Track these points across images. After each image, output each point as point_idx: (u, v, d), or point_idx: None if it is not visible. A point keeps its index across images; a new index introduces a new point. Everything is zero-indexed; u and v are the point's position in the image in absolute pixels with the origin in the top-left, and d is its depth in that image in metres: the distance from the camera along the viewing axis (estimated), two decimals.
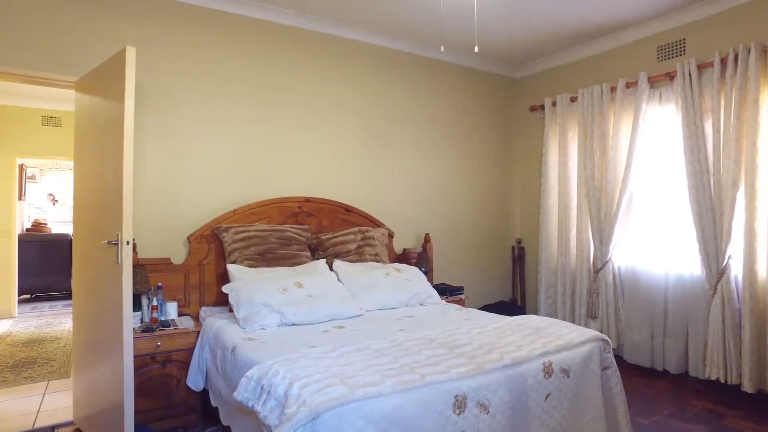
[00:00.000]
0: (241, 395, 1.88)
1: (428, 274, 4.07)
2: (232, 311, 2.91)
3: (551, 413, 2.07)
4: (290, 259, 3.37)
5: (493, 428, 1.87)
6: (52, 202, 8.57)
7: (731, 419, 2.89)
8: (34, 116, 5.97)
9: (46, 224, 7.84)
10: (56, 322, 5.51)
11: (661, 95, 3.79)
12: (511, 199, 5.12)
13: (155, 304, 2.86)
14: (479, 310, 3.53)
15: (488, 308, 4.62)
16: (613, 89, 4.03)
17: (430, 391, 1.76)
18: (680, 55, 3.68)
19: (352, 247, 3.66)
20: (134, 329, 2.65)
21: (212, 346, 2.68)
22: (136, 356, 2.53)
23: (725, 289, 3.24)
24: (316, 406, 1.57)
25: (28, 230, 7.54)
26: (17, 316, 5.83)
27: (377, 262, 3.71)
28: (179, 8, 3.32)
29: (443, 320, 2.89)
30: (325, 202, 3.83)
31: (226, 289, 2.97)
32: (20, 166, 7.10)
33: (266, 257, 3.29)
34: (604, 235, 4.03)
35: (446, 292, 4.01)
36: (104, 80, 2.61)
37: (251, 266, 3.20)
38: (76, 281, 2.94)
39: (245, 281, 2.97)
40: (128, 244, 2.37)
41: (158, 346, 2.71)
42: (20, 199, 7.26)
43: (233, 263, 3.18)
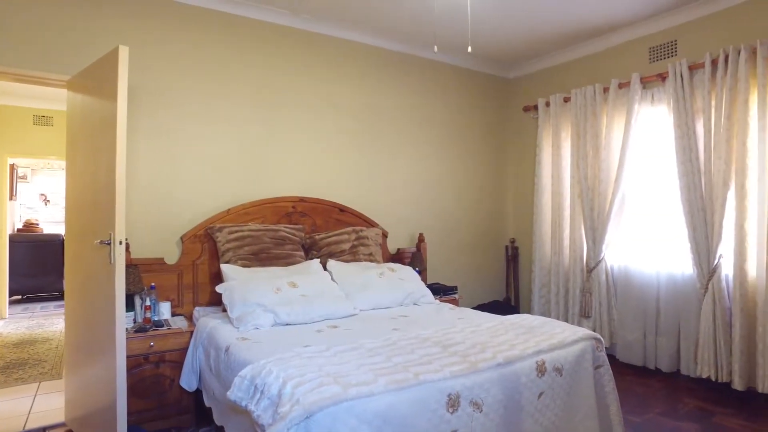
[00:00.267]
0: (234, 395, 1.87)
1: (422, 273, 4.08)
2: (225, 311, 2.90)
3: (544, 412, 2.08)
4: (284, 258, 3.37)
5: (486, 427, 1.87)
6: (43, 202, 8.50)
7: (721, 416, 2.92)
8: (25, 115, 5.92)
9: (37, 224, 7.78)
10: (48, 323, 5.46)
11: (653, 96, 3.82)
12: (504, 198, 5.14)
13: (148, 304, 2.84)
14: (473, 309, 3.54)
15: (482, 308, 4.64)
16: (605, 90, 4.06)
17: (423, 389, 1.76)
18: (672, 56, 3.71)
19: (346, 246, 3.66)
20: (127, 329, 2.63)
21: (206, 346, 2.68)
22: (128, 356, 2.52)
23: (716, 288, 3.27)
24: (309, 405, 1.57)
25: (19, 231, 7.48)
26: (8, 317, 5.78)
27: (371, 261, 3.72)
28: (174, 8, 3.31)
29: (437, 319, 2.90)
30: (319, 201, 3.82)
31: (219, 288, 2.96)
32: (11, 165, 7.05)
33: (260, 257, 3.29)
34: (597, 234, 4.05)
35: (440, 291, 4.01)
36: (97, 79, 2.59)
37: (245, 266, 3.19)
38: (68, 282, 2.92)
39: (239, 281, 2.96)
40: (121, 243, 2.36)
41: (151, 346, 2.70)
42: (11, 199, 7.21)
43: (227, 263, 3.17)
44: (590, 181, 4.11)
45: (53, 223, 8.20)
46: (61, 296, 6.74)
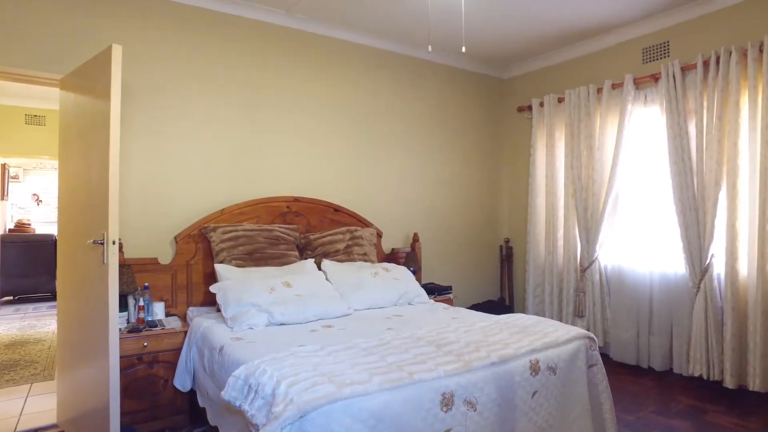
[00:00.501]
0: (228, 394, 1.87)
1: (416, 273, 4.09)
2: (219, 311, 2.89)
3: (538, 410, 2.09)
4: (278, 258, 3.36)
5: (480, 425, 1.88)
6: (36, 202, 8.42)
7: (714, 414, 2.94)
8: (17, 115, 5.88)
9: (29, 225, 7.71)
10: (40, 324, 5.42)
11: (646, 96, 3.85)
12: (499, 198, 5.16)
13: (142, 304, 2.83)
14: (467, 309, 3.55)
15: (476, 307, 4.65)
16: (599, 90, 4.08)
17: (417, 388, 1.77)
18: (664, 57, 3.74)
19: (340, 246, 3.66)
20: (120, 330, 2.62)
21: (200, 346, 2.67)
22: (122, 357, 2.51)
23: (708, 287, 3.30)
24: (303, 404, 1.57)
25: (11, 231, 7.41)
26: None
27: (366, 261, 3.72)
28: (168, 7, 3.29)
29: (431, 319, 2.90)
30: (313, 201, 3.82)
31: (213, 288, 2.95)
32: (3, 165, 7.00)
33: (254, 257, 3.28)
34: (590, 234, 4.08)
35: (434, 291, 4.02)
36: (90, 78, 2.58)
37: (239, 266, 3.18)
38: (61, 282, 2.90)
39: (233, 281, 2.96)
40: (114, 243, 2.35)
41: (145, 346, 2.69)
42: (3, 199, 7.16)
43: (221, 263, 3.16)
44: (584, 181, 4.13)
45: (45, 223, 8.13)
46: (53, 297, 6.68)
